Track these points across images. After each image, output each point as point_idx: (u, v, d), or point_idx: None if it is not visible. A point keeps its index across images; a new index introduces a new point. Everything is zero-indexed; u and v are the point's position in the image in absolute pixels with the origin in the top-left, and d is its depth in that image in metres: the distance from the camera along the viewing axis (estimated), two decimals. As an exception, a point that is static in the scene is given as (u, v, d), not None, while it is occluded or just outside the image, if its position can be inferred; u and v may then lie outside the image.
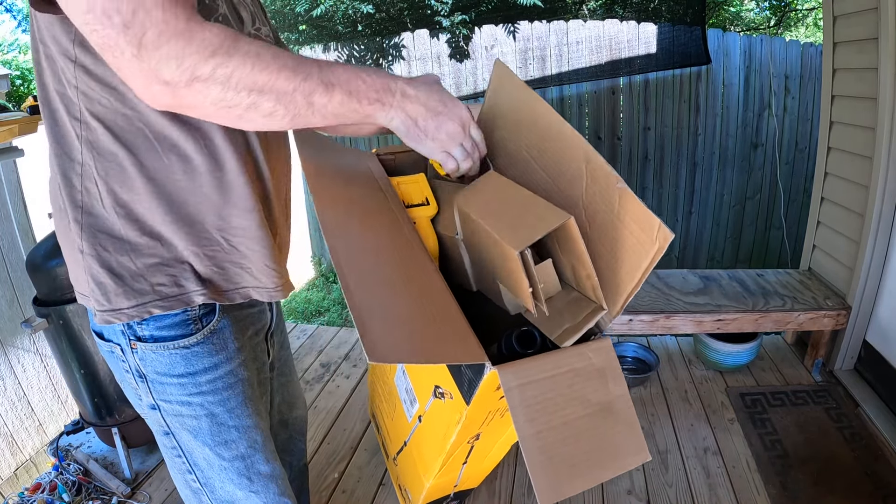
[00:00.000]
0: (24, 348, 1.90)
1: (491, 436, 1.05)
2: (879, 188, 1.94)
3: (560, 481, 0.61)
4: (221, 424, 0.84)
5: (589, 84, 3.70)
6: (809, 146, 3.73)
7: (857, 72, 2.07)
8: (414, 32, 3.79)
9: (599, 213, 0.68)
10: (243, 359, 0.86)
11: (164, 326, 0.78)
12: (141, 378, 0.80)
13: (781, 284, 2.26)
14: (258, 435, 0.88)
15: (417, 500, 1.33)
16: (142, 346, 0.78)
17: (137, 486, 1.76)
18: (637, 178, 3.82)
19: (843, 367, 2.19)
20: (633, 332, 2.09)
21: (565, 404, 0.64)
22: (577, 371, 0.66)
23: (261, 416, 0.90)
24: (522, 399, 0.63)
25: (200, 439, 0.84)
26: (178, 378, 0.80)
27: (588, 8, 4.33)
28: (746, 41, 3.60)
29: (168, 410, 0.82)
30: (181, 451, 0.86)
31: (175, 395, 0.81)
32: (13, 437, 1.87)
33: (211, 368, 0.81)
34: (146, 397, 0.82)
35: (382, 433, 1.65)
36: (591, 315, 0.69)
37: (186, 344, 0.79)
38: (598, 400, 0.66)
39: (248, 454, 0.87)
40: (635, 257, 0.65)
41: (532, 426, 0.62)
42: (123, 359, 0.80)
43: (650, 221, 0.62)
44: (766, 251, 4.02)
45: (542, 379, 0.64)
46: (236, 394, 0.84)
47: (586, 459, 0.63)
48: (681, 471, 1.77)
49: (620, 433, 0.66)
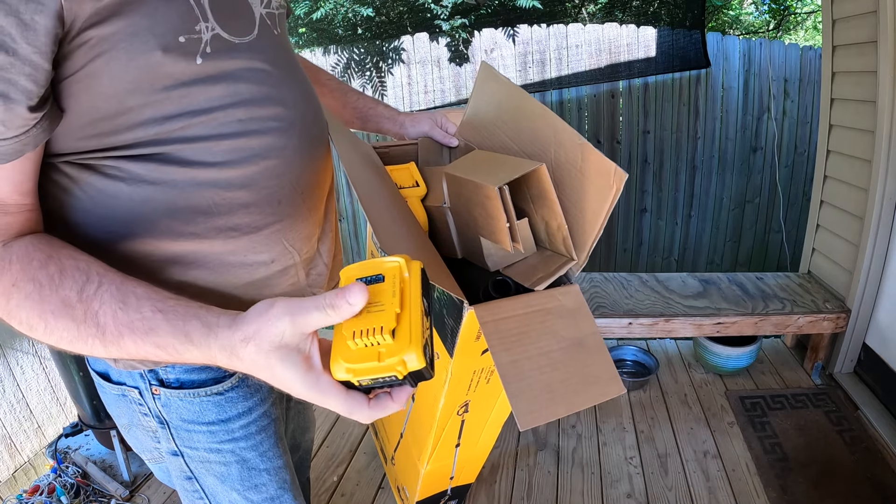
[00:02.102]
0: (23, 350, 1.90)
1: (479, 409, 1.07)
2: (879, 191, 1.94)
3: (539, 407, 0.62)
4: (252, 469, 0.77)
5: (588, 88, 3.70)
6: (809, 149, 3.73)
7: (856, 75, 2.07)
8: (413, 36, 3.80)
9: (566, 172, 0.73)
10: (275, 398, 0.80)
11: (194, 370, 0.70)
12: (162, 424, 0.72)
13: (781, 288, 2.26)
14: (287, 475, 0.82)
15: (414, 493, 1.33)
16: (166, 392, 0.69)
17: (136, 489, 1.75)
18: (636, 181, 3.82)
19: (842, 370, 2.19)
20: (632, 336, 2.08)
21: (539, 337, 0.67)
22: (549, 310, 0.70)
23: (288, 452, 0.84)
24: (497, 331, 0.66)
25: (229, 484, 0.76)
26: (208, 426, 0.72)
27: (588, 12, 4.34)
28: (746, 45, 3.61)
29: (193, 457, 0.75)
30: (204, 495, 0.78)
31: (203, 442, 0.73)
32: (12, 439, 1.86)
33: (245, 413, 0.74)
34: (167, 443, 0.74)
35: (381, 436, 1.65)
36: (562, 265, 0.75)
37: (220, 390, 0.71)
38: (570, 335, 0.69)
39: (278, 495, 0.81)
40: (597, 204, 0.69)
41: (508, 355, 0.64)
42: (141, 402, 0.72)
43: (607, 167, 0.66)
44: (765, 254, 4.02)
45: (516, 315, 0.68)
46: (269, 436, 0.78)
47: (563, 387, 0.65)
48: (680, 474, 1.77)
49: (594, 365, 0.68)
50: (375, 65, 3.91)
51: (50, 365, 1.98)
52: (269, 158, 0.66)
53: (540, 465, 1.84)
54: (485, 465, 1.84)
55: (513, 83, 0.79)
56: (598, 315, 2.05)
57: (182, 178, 0.60)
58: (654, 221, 3.92)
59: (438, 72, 3.82)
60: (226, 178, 0.63)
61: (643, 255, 4.02)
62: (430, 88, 3.85)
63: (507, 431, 2.00)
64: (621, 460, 1.85)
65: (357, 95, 1.01)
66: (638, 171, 3.80)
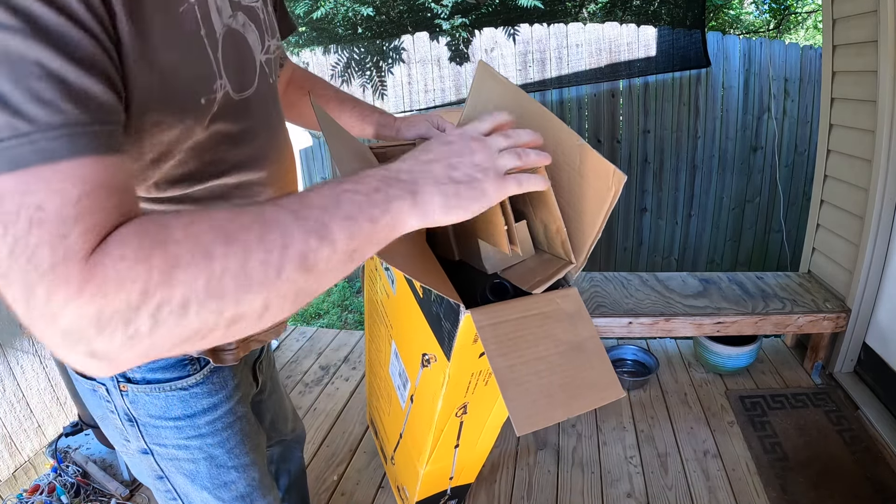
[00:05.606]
0: (24, 350, 1.90)
1: (478, 410, 1.07)
2: (879, 191, 1.94)
3: (536, 411, 0.62)
4: (221, 466, 0.79)
5: (589, 87, 3.70)
6: (809, 149, 3.73)
7: (856, 75, 2.07)
8: (414, 35, 3.80)
9: (564, 173, 0.73)
10: (241, 395, 0.81)
11: (158, 368, 0.70)
12: (131, 422, 0.73)
13: (781, 287, 2.26)
14: (256, 472, 0.84)
15: (414, 494, 1.33)
16: (133, 388, 0.70)
17: (136, 489, 1.75)
18: (636, 181, 3.82)
19: (842, 369, 2.19)
20: (632, 335, 2.08)
21: (536, 342, 0.67)
22: (547, 314, 0.70)
23: (258, 450, 0.86)
24: (495, 335, 0.66)
25: (199, 483, 0.78)
26: (175, 421, 0.73)
27: (588, 11, 4.34)
28: (746, 44, 3.61)
29: (162, 454, 0.76)
30: (176, 495, 0.80)
31: (171, 438, 0.74)
32: (12, 438, 1.86)
33: (210, 409, 0.75)
34: (136, 441, 0.75)
35: (381, 436, 1.65)
36: (560, 268, 0.75)
37: (184, 385, 0.72)
38: (568, 339, 0.68)
39: (248, 493, 0.83)
40: (595, 206, 0.69)
41: (505, 360, 0.64)
42: (108, 399, 0.72)
43: (606, 169, 0.65)
44: (765, 254, 4.02)
45: (513, 319, 0.68)
46: (235, 433, 0.79)
47: (561, 391, 0.65)
48: (680, 474, 1.77)
49: (592, 369, 0.68)
50: (375, 64, 3.91)
51: (50, 364, 1.98)
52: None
53: (540, 465, 1.84)
54: (485, 464, 1.84)
55: (510, 83, 0.79)
56: (598, 314, 2.05)
57: None
58: (655, 221, 3.92)
59: (438, 71, 3.82)
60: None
61: (643, 255, 4.02)
62: (430, 87, 3.85)
63: (506, 431, 2.00)
64: (621, 460, 1.85)
65: (353, 104, 1.01)
66: (638, 170, 3.80)
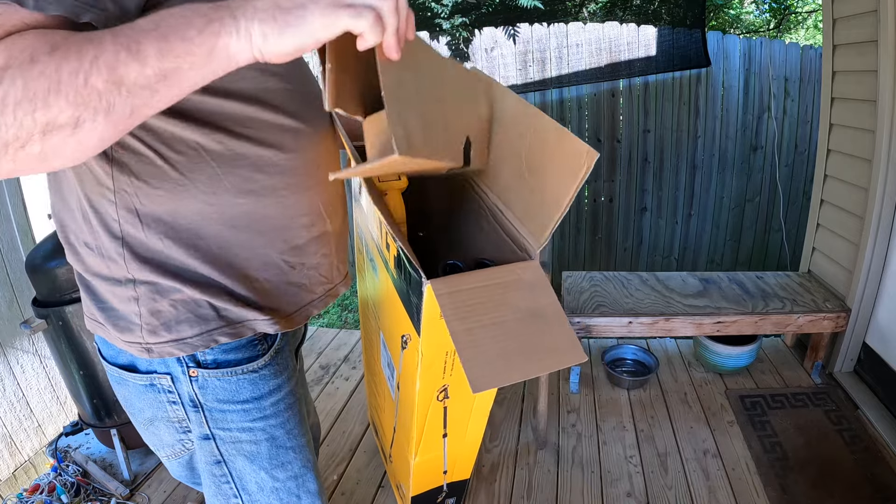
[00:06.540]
0: (24, 349, 1.90)
1: (460, 394, 1.06)
2: (879, 190, 1.94)
3: (493, 372, 0.63)
4: (280, 447, 0.79)
5: (589, 87, 3.70)
6: (809, 149, 3.73)
7: (856, 74, 2.07)
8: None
9: (536, 155, 0.73)
10: (297, 379, 0.83)
11: (231, 349, 0.72)
12: (196, 408, 0.74)
13: (781, 287, 2.26)
14: (310, 454, 0.85)
15: (409, 488, 1.33)
16: (203, 372, 0.71)
17: (136, 488, 1.75)
18: (636, 180, 3.82)
19: (842, 369, 2.19)
20: (632, 335, 2.08)
21: (495, 308, 0.68)
22: (507, 283, 0.70)
23: (309, 432, 0.87)
24: (453, 302, 0.66)
25: (257, 464, 0.79)
26: (243, 404, 0.74)
27: (588, 10, 4.34)
28: (746, 44, 3.61)
29: (225, 438, 0.77)
30: (230, 478, 0.80)
31: (236, 422, 0.75)
32: (12, 438, 1.86)
33: (275, 390, 0.77)
34: (199, 428, 0.76)
35: (380, 434, 1.65)
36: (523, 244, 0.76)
37: (255, 367, 0.73)
38: (528, 306, 0.69)
39: (301, 473, 0.83)
40: (564, 188, 0.69)
41: (463, 324, 0.65)
42: (171, 389, 0.73)
43: (578, 148, 0.65)
44: (765, 254, 4.02)
45: (473, 288, 0.69)
46: (294, 413, 0.81)
47: (519, 354, 0.65)
48: (680, 473, 1.77)
49: (553, 333, 0.68)
50: (375, 64, 3.90)
51: (50, 364, 1.98)
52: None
53: (540, 464, 1.84)
54: (484, 463, 1.84)
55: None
56: (598, 314, 2.05)
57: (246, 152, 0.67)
58: (655, 220, 3.92)
59: (439, 71, 3.81)
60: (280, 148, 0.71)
61: (643, 255, 4.02)
62: (430, 87, 3.84)
63: (506, 430, 2.00)
64: (621, 459, 1.85)
65: None
66: (638, 170, 3.80)
